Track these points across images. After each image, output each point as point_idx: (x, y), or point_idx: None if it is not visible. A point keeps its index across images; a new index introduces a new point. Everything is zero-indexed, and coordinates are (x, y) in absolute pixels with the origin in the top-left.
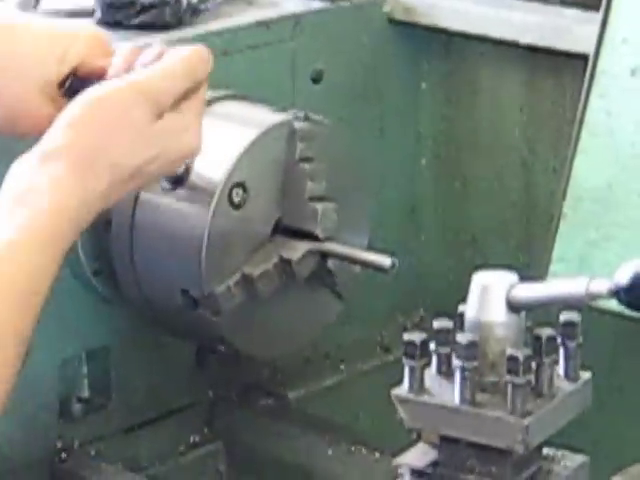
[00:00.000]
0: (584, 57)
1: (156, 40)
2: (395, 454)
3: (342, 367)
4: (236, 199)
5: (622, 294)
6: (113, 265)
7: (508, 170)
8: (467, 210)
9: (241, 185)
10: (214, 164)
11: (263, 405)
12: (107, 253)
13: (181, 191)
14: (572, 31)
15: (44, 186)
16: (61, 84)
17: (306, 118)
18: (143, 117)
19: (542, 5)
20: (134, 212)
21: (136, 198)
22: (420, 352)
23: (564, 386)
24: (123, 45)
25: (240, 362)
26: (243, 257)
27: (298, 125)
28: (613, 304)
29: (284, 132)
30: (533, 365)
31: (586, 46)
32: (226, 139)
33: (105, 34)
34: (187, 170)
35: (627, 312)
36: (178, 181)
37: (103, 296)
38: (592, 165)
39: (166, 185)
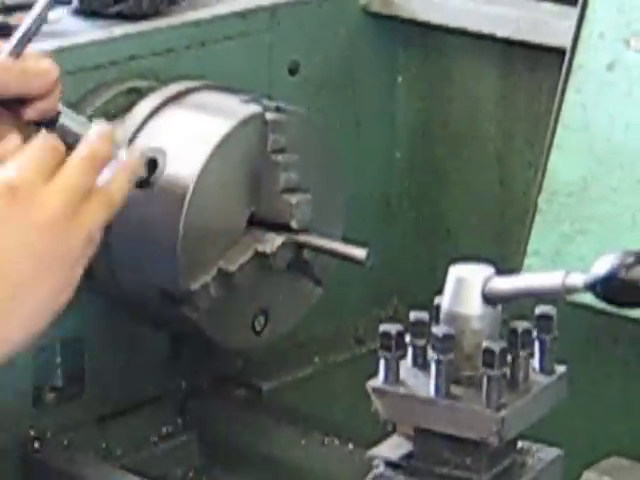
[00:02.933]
0: (561, 51)
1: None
2: (369, 446)
3: (316, 359)
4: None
5: (598, 288)
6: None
7: (483, 163)
8: (442, 203)
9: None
10: (188, 159)
11: (236, 396)
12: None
13: (155, 186)
14: (549, 25)
15: None
16: None
17: (278, 109)
18: None
19: None
20: None
21: None
22: (396, 344)
23: (539, 379)
24: None
25: (214, 353)
26: (219, 252)
27: (270, 116)
28: (588, 298)
29: (256, 124)
30: (509, 358)
31: (563, 40)
32: (199, 132)
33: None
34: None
35: (602, 306)
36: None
37: (78, 286)
38: (567, 159)
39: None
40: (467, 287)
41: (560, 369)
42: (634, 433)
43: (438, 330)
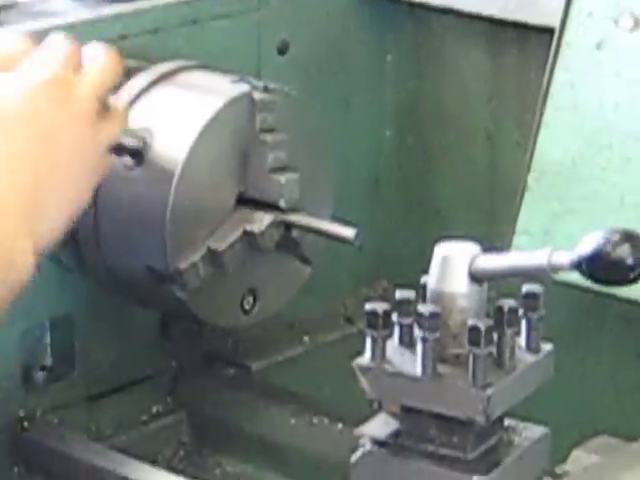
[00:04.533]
0: (549, 30)
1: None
2: (359, 425)
3: (305, 338)
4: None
5: (584, 266)
6: (77, 236)
7: (472, 142)
8: (431, 182)
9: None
10: (175, 138)
11: (226, 375)
12: (71, 224)
13: (144, 166)
14: (538, 4)
15: None
16: None
17: (266, 88)
18: None
19: None
20: (98, 187)
21: None
22: (382, 322)
23: (526, 358)
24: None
25: (203, 332)
26: (207, 231)
27: (257, 96)
28: (575, 276)
29: (243, 103)
30: (495, 336)
31: (552, 19)
32: (187, 112)
33: None
34: (145, 143)
35: (589, 284)
36: (136, 154)
37: (67, 266)
38: (556, 138)
39: (128, 161)
40: (453, 265)
41: (547, 347)
42: (622, 412)
43: (424, 308)
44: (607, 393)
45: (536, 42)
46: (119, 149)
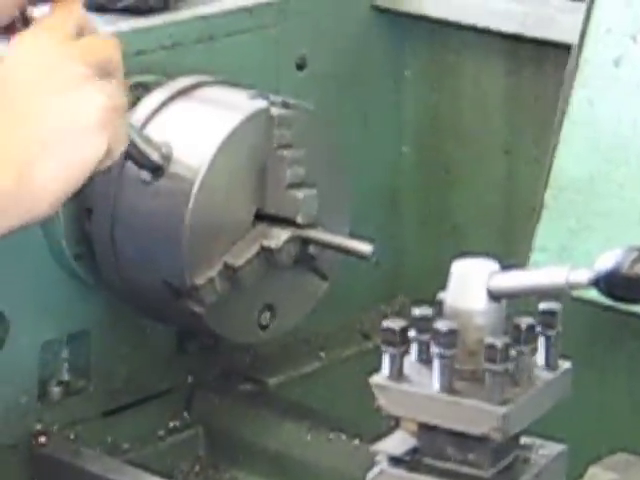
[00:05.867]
0: (567, 47)
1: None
2: (375, 441)
3: (322, 354)
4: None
5: (602, 284)
6: (94, 251)
7: (490, 159)
8: (449, 198)
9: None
10: (194, 154)
11: (242, 391)
12: (88, 238)
13: (162, 181)
14: (556, 20)
15: None
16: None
17: (284, 104)
18: None
19: None
20: (115, 201)
21: (117, 187)
22: (399, 339)
23: (543, 375)
24: None
25: (220, 348)
26: (225, 247)
27: (276, 111)
28: (593, 293)
29: (261, 119)
30: (512, 353)
31: (570, 36)
32: (205, 127)
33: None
34: (166, 159)
35: (607, 302)
36: (157, 170)
37: (84, 280)
38: (574, 155)
39: (146, 175)
40: (471, 282)
41: (564, 365)
42: None
43: (441, 325)
44: (624, 410)
45: (554, 58)
46: (141, 163)
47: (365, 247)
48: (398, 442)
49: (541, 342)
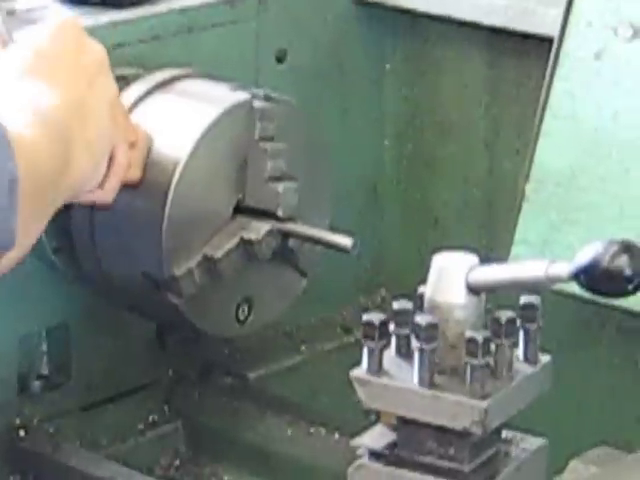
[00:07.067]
0: (549, 39)
1: None
2: (355, 435)
3: (303, 347)
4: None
5: (582, 277)
6: (73, 244)
7: (471, 152)
8: (430, 191)
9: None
10: (174, 146)
11: (223, 384)
12: (67, 231)
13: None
14: (537, 13)
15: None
16: None
17: (266, 97)
18: None
19: None
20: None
21: None
22: (379, 333)
23: (523, 369)
24: None
25: (200, 341)
26: (204, 239)
27: (257, 104)
28: (573, 287)
29: (243, 111)
30: (492, 347)
31: (551, 29)
32: (185, 119)
33: None
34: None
35: (587, 295)
36: None
37: (63, 273)
38: (555, 148)
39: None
40: (450, 276)
41: (545, 359)
42: (620, 422)
43: (421, 319)
44: (605, 404)
45: (535, 51)
46: None
47: (346, 240)
48: (378, 436)
49: (521, 336)
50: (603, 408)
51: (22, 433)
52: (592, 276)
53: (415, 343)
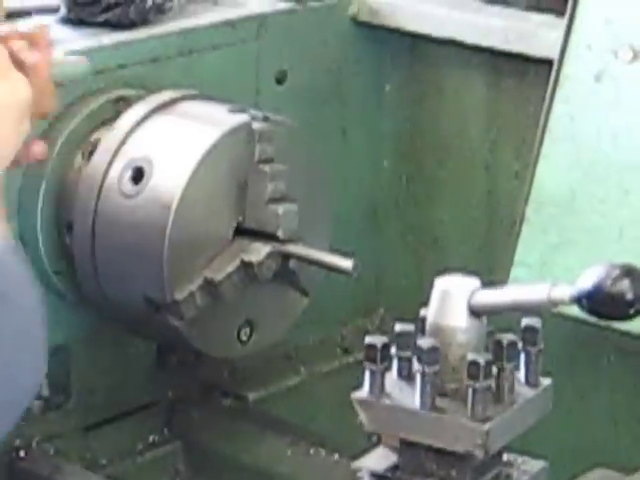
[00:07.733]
0: (548, 62)
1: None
2: (354, 456)
3: (302, 368)
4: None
5: (584, 301)
6: (74, 266)
7: (471, 173)
8: (429, 212)
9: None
10: (174, 168)
11: (223, 405)
12: (69, 254)
13: (142, 195)
14: (537, 36)
15: None
16: None
17: (265, 118)
18: None
19: (507, 9)
20: (95, 216)
21: (97, 201)
22: (381, 356)
23: (525, 392)
24: None
25: (200, 362)
26: (205, 261)
27: (257, 126)
28: (575, 310)
29: (243, 133)
30: (494, 370)
31: (551, 51)
32: (186, 141)
33: None
34: (140, 177)
35: (588, 318)
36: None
37: (64, 295)
38: (555, 170)
39: (128, 189)
40: (453, 299)
41: (545, 382)
42: (620, 445)
43: (423, 342)
44: (605, 426)
45: (535, 74)
46: None
47: (346, 263)
48: (380, 458)
49: (522, 359)
50: (603, 430)
51: (22, 453)
52: (594, 300)
53: (417, 366)
